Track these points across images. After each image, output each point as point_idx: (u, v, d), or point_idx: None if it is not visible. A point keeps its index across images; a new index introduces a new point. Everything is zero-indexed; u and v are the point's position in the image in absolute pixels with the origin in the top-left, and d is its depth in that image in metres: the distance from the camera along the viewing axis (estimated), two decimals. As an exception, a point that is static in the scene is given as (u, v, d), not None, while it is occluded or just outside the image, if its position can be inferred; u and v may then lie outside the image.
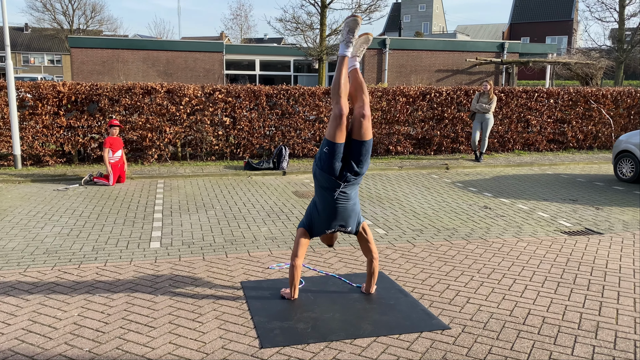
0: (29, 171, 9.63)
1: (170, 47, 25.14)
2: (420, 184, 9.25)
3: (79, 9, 53.10)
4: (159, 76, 24.63)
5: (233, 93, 10.98)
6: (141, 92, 10.42)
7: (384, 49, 23.92)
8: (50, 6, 51.98)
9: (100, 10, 63.12)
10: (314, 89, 11.53)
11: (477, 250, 5.53)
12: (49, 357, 3.19)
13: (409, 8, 72.61)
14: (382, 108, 11.92)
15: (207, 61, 25.42)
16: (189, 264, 4.94)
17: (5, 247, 5.38)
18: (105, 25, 55.35)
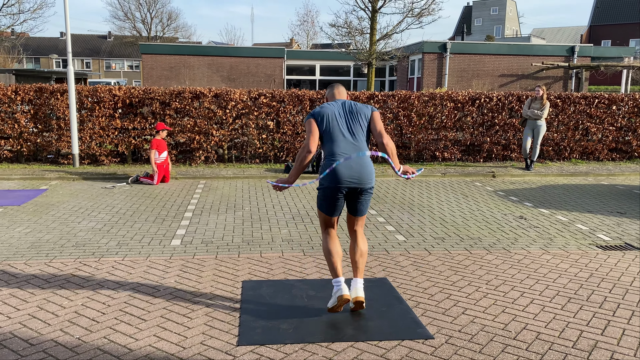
0: (85, 169, 10.28)
1: (234, 53, 25.94)
2: (459, 192, 9.02)
3: (157, 17, 55.95)
4: (222, 81, 25.47)
5: (277, 97, 11.20)
6: (190, 96, 10.85)
7: (444, 53, 23.47)
8: (130, 15, 55.21)
9: (176, 18, 66.12)
10: (357, 93, 11.54)
11: (495, 261, 5.34)
12: (42, 341, 3.43)
13: (481, 11, 70.74)
14: (429, 113, 11.72)
15: (268, 66, 25.99)
16: (200, 262, 5.12)
17: (41, 239, 5.80)
18: (180, 32, 57.98)
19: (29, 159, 11.05)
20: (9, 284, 4.44)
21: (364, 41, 18.24)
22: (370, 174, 3.80)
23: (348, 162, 3.70)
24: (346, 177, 3.70)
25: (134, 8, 55.53)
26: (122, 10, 54.66)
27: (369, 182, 3.80)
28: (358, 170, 3.72)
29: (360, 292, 3.82)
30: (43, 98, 10.63)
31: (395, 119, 11.70)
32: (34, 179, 9.43)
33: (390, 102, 11.61)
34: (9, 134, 10.66)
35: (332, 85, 4.12)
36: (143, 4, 55.17)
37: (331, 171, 3.72)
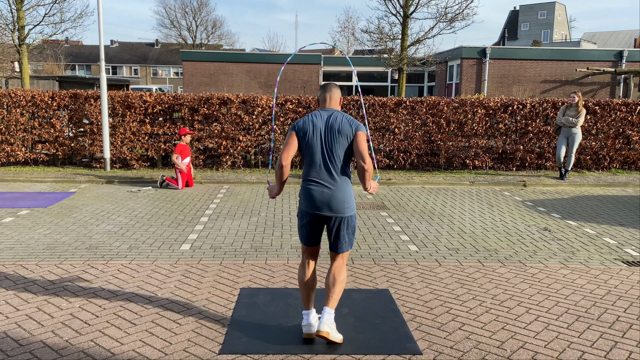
0: (114, 173, 10.56)
1: (271, 59, 26.20)
2: (485, 201, 8.75)
3: (202, 25, 57.17)
4: (260, 87, 25.76)
5: (304, 103, 11.20)
6: (218, 102, 11.00)
7: (484, 58, 22.96)
8: (177, 23, 56.63)
9: (220, 26, 67.41)
10: (384, 99, 11.40)
11: (507, 274, 5.12)
12: (31, 342, 3.50)
13: (528, 15, 68.97)
14: (459, 120, 11.45)
15: (305, 73, 26.12)
16: (203, 267, 5.13)
17: (57, 241, 5.97)
18: (223, 40, 59.05)
19: (64, 162, 11.45)
20: (16, 284, 4.58)
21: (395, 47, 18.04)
22: (342, 201, 3.49)
23: (320, 188, 3.48)
24: (317, 203, 3.48)
25: (180, 16, 56.82)
26: (168, 19, 56.04)
27: (340, 211, 3.49)
28: (329, 196, 3.47)
29: (324, 325, 3.44)
30: (78, 103, 11.00)
31: (423, 125, 11.49)
32: (65, 182, 9.75)
33: (419, 108, 11.41)
34: (46, 138, 11.08)
35: (325, 87, 3.71)
36: (189, 12, 56.51)
37: (304, 195, 3.54)
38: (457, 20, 16.88)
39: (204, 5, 58.67)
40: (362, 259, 5.53)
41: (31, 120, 10.97)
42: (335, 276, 3.55)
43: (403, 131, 11.46)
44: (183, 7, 56.86)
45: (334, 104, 3.67)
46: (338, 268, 3.60)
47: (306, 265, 3.65)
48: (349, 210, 3.53)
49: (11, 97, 10.81)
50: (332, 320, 3.50)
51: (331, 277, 3.55)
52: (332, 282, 3.53)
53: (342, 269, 3.61)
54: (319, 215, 3.51)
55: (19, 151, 10.96)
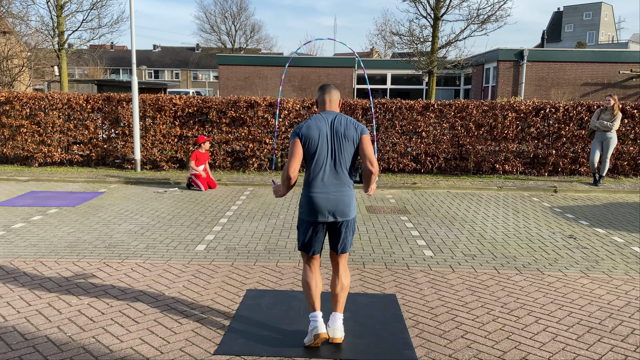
0: (144, 174, 10.82)
1: (305, 63, 26.32)
2: (510, 207, 8.53)
3: (240, 30, 58.05)
4: (293, 91, 25.92)
5: (330, 107, 11.18)
6: (245, 105, 11.12)
7: (521, 60, 22.42)
8: (216, 28, 57.67)
9: (259, 30, 68.22)
10: (412, 102, 11.27)
11: (522, 282, 4.97)
12: (36, 337, 3.61)
13: (572, 17, 66.98)
14: (489, 123, 11.21)
15: (338, 76, 26.13)
16: (214, 268, 5.19)
17: (79, 239, 6.15)
18: (262, 43, 59.76)
19: (97, 163, 11.80)
20: (32, 280, 4.74)
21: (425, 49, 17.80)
22: (347, 206, 3.48)
23: (326, 195, 3.43)
24: (323, 210, 3.43)
25: (219, 21, 57.89)
26: (208, 23, 57.16)
27: (345, 215, 3.49)
28: (335, 202, 3.43)
29: (338, 332, 3.51)
30: (111, 106, 11.33)
31: (452, 129, 11.31)
32: (96, 182, 10.05)
33: (447, 112, 11.23)
34: (80, 140, 11.45)
35: (324, 88, 3.62)
36: (228, 17, 57.46)
37: (308, 202, 3.48)
38: (489, 22, 16.53)
39: (243, 10, 59.77)
40: (374, 263, 5.47)
41: (67, 122, 11.37)
42: (343, 282, 3.60)
43: (431, 135, 11.30)
44: (223, 12, 57.97)
45: (334, 106, 3.61)
46: (344, 272, 3.63)
47: (312, 271, 3.62)
48: (352, 212, 3.56)
49: (48, 100, 11.23)
50: (342, 324, 3.59)
51: (339, 284, 3.58)
52: (341, 287, 3.58)
53: (346, 272, 3.65)
54: (324, 222, 3.49)
55: (55, 152, 11.37)
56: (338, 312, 3.57)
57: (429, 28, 17.46)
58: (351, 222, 3.57)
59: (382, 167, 11.34)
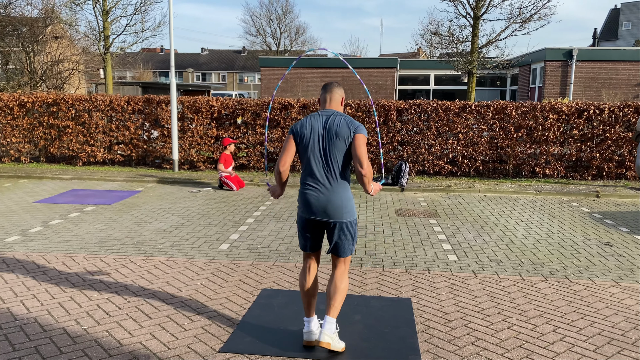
0: (181, 174, 11.08)
1: (345, 64, 26.27)
2: (547, 212, 8.24)
3: (285, 32, 58.64)
4: (334, 92, 25.90)
5: (363, 107, 11.14)
6: (279, 107, 11.22)
7: (569, 60, 21.63)
8: (262, 31, 58.48)
9: (303, 32, 68.66)
10: (448, 103, 11.07)
11: (546, 290, 4.79)
12: (54, 328, 3.76)
13: (630, 14, 64.01)
14: (528, 125, 10.88)
15: (380, 77, 25.96)
16: (234, 267, 5.26)
17: (109, 236, 6.36)
18: (306, 45, 60.11)
19: (138, 163, 12.18)
20: (60, 274, 4.94)
21: (464, 49, 17.41)
22: (339, 207, 3.40)
23: (317, 193, 3.41)
24: (313, 208, 3.42)
25: (265, 24, 58.63)
26: (254, 26, 58.01)
27: (337, 217, 3.41)
28: (325, 202, 3.39)
29: (325, 335, 3.38)
30: (150, 108, 11.67)
31: (489, 130, 11.04)
32: (134, 181, 10.37)
33: (485, 113, 10.97)
34: (122, 140, 11.86)
35: (326, 87, 3.60)
36: (274, 20, 58.15)
37: (302, 200, 3.49)
38: (532, 20, 16.00)
39: (288, 12, 60.26)
40: (395, 266, 5.41)
41: (109, 123, 11.79)
42: (336, 284, 3.48)
43: (468, 137, 11.06)
44: (268, 15, 58.65)
45: (335, 105, 3.56)
46: (340, 275, 3.52)
47: (307, 272, 3.59)
48: (347, 215, 3.45)
49: (92, 101, 11.68)
50: (333, 329, 3.44)
51: (332, 286, 3.48)
52: (334, 290, 3.47)
53: (344, 276, 3.53)
54: (316, 220, 3.46)
55: (98, 152, 11.81)
56: (329, 316, 3.45)
57: (468, 28, 17.10)
58: (347, 225, 3.45)
59: (416, 169, 11.19)
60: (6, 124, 11.91)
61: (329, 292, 3.49)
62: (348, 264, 3.57)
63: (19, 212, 7.61)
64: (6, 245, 5.92)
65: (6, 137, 11.94)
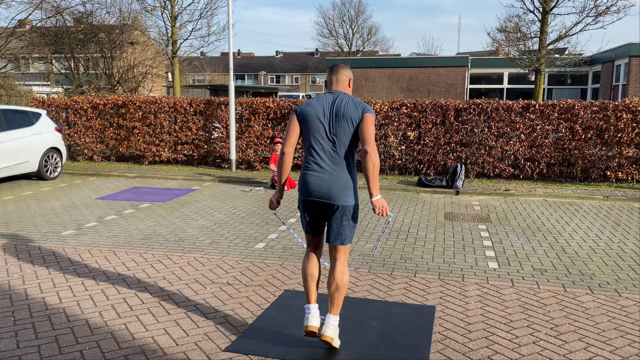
0: (237, 174, 11.34)
1: (414, 63, 25.85)
2: (612, 219, 7.64)
3: (358, 32, 58.57)
4: (401, 92, 25.58)
5: (419, 108, 10.87)
6: (333, 107, 11.19)
7: (658, 56, 19.98)
8: (334, 32, 58.79)
9: (375, 32, 68.20)
10: (510, 103, 10.56)
11: (589, 303, 4.43)
12: (77, 319, 3.94)
13: None
14: (599, 126, 10.15)
15: (449, 76, 25.28)
16: (264, 266, 5.28)
17: (155, 233, 6.61)
18: (378, 45, 59.75)
19: (200, 162, 12.60)
20: (99, 267, 5.19)
21: (532, 46, 16.48)
22: (342, 189, 3.30)
23: (319, 174, 3.34)
24: (315, 190, 3.34)
25: (337, 25, 58.88)
26: (327, 28, 58.42)
27: (340, 199, 3.31)
28: (328, 183, 3.30)
29: (329, 330, 3.33)
30: (211, 109, 12.04)
31: (555, 131, 10.41)
32: (192, 180, 10.74)
33: (549, 113, 10.36)
34: (184, 140, 12.32)
35: (332, 69, 3.52)
36: (346, 21, 58.27)
37: (302, 182, 3.41)
38: (607, 13, 14.87)
39: (361, 13, 60.11)
40: (428, 272, 5.21)
41: (173, 124, 12.29)
42: (337, 281, 3.38)
43: (531, 138, 10.50)
44: (341, 16, 58.87)
45: (342, 86, 3.47)
46: (340, 269, 3.42)
47: (309, 256, 3.54)
48: (350, 199, 3.34)
49: (157, 103, 12.23)
50: (336, 325, 3.39)
51: (334, 283, 3.39)
52: (335, 287, 3.38)
53: (344, 270, 3.43)
54: (317, 202, 3.38)
55: (162, 151, 12.35)
56: (331, 314, 3.37)
57: (537, 23, 16.19)
58: (349, 209, 3.35)
59: (475, 171, 10.76)
60: (81, 125, 12.74)
61: (329, 289, 3.41)
62: (347, 254, 3.48)
63: (81, 207, 8.09)
64: (60, 238, 6.31)
65: (81, 137, 12.77)
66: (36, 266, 5.21)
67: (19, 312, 4.08)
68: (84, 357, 3.37)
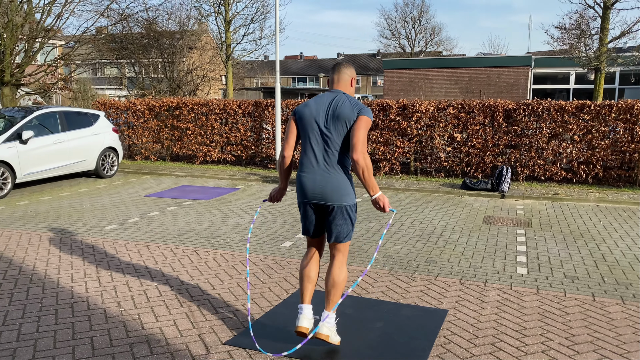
0: (282, 174, 11.50)
1: (474, 63, 25.17)
2: (667, 226, 7.14)
3: (420, 33, 57.76)
4: (460, 93, 24.99)
5: (467, 108, 10.60)
6: (378, 108, 11.13)
7: None
8: (397, 33, 58.29)
9: (439, 32, 66.96)
10: (563, 103, 10.09)
11: (616, 314, 4.18)
12: (97, 308, 4.17)
13: None
14: (660, 127, 9.51)
15: (511, 76, 24.42)
16: (285, 264, 5.35)
17: (190, 229, 6.85)
18: (442, 46, 58.64)
19: (248, 163, 12.90)
20: (130, 260, 5.45)
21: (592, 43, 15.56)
22: (336, 189, 3.30)
23: (313, 175, 3.33)
24: (309, 191, 3.34)
25: (399, 26, 58.35)
26: (389, 29, 58.05)
27: (335, 200, 3.31)
28: (322, 185, 3.30)
29: (324, 328, 3.32)
30: (258, 111, 12.30)
31: (612, 133, 9.84)
32: (238, 179, 11.01)
33: (606, 113, 9.81)
34: (233, 141, 12.65)
35: (334, 67, 3.49)
36: (409, 22, 57.64)
37: (297, 183, 3.43)
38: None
39: (424, 13, 59.22)
40: (450, 276, 5.09)
41: (223, 126, 12.66)
42: (334, 278, 3.38)
43: (585, 140, 9.98)
44: (403, 17, 58.26)
45: (343, 85, 3.45)
46: (338, 266, 3.41)
47: (308, 256, 3.56)
48: (346, 199, 3.34)
49: (209, 105, 12.64)
50: (332, 322, 3.39)
51: (330, 279, 3.38)
52: (332, 284, 3.38)
53: (342, 267, 3.42)
54: (314, 204, 3.39)
55: (213, 152, 12.74)
56: (327, 311, 3.36)
57: (598, 20, 15.28)
58: (346, 209, 3.35)
59: (525, 174, 10.36)
60: (139, 126, 13.38)
61: (327, 286, 3.40)
62: (346, 252, 3.46)
63: (128, 204, 8.51)
64: (102, 232, 6.67)
65: (138, 138, 13.42)
66: (74, 257, 5.54)
67: (47, 299, 4.36)
68: (93, 343, 3.57)
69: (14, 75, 14.23)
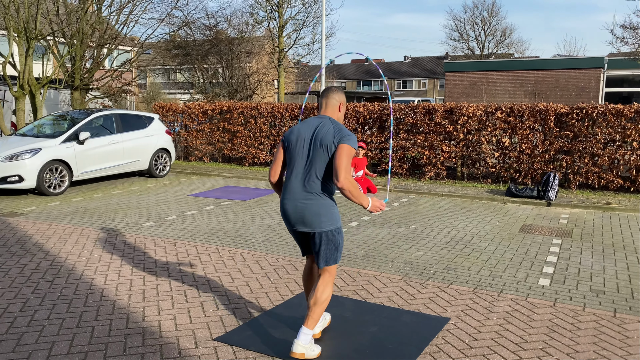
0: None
1: (540, 66, 24.13)
2: None
3: (490, 35, 56.06)
4: (525, 96, 24.04)
5: (516, 112, 10.21)
6: (423, 112, 10.95)
7: None
8: (465, 35, 56.93)
9: (510, 33, 64.65)
10: (620, 107, 9.48)
11: (634, 332, 3.91)
12: (108, 299, 4.40)
13: None
14: None
15: (581, 79, 23.20)
16: (299, 266, 5.40)
17: (220, 228, 7.05)
18: (513, 47, 56.63)
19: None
20: (154, 256, 5.69)
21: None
22: (316, 215, 3.26)
23: (294, 202, 3.30)
24: (292, 218, 3.33)
25: (469, 28, 56.96)
26: (457, 31, 56.82)
27: (316, 226, 3.28)
28: (302, 211, 3.28)
29: (299, 346, 3.25)
30: (305, 114, 12.43)
31: (676, 139, 9.15)
32: (281, 182, 11.17)
33: (668, 118, 9.13)
34: (281, 144, 12.85)
35: (324, 92, 3.47)
36: (478, 23, 56.15)
37: (281, 210, 3.41)
38: None
39: (495, 14, 57.46)
40: (464, 284, 4.94)
41: (271, 129, 12.90)
42: (317, 296, 3.33)
43: (645, 146, 9.33)
44: (473, 19, 56.83)
45: (331, 111, 3.43)
46: (323, 286, 3.37)
47: (307, 270, 3.66)
48: (327, 224, 3.30)
49: (257, 109, 12.93)
50: (307, 340, 3.30)
51: (313, 297, 3.34)
52: (314, 301, 3.33)
53: (327, 287, 3.37)
54: (295, 230, 3.41)
55: (261, 154, 13.02)
56: (306, 327, 3.31)
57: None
58: (328, 234, 3.31)
59: (578, 182, 9.82)
60: (192, 128, 13.91)
61: (309, 302, 3.38)
62: (333, 273, 3.43)
63: (171, 202, 8.88)
64: (139, 228, 7.01)
65: (192, 140, 13.94)
66: (104, 252, 5.87)
67: (66, 289, 4.66)
68: (93, 332, 3.77)
69: (83, 80, 15.21)
